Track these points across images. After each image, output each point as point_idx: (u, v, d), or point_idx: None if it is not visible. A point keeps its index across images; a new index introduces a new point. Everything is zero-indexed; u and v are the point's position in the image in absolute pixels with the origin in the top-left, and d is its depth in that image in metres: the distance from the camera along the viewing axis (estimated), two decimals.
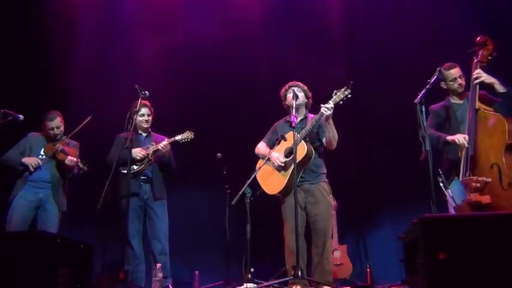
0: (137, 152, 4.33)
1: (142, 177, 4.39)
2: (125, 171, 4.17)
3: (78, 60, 6.00)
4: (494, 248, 1.87)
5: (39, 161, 4.28)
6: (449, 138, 3.53)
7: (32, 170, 4.25)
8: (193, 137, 4.45)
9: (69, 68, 5.93)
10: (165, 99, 5.05)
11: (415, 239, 2.08)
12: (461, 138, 3.45)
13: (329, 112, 3.76)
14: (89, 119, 4.43)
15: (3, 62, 5.38)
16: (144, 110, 4.49)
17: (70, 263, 2.55)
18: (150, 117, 4.56)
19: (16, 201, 4.25)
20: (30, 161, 4.27)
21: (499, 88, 3.49)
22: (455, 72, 3.73)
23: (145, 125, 4.55)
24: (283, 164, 3.94)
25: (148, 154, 4.36)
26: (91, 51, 6.09)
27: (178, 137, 4.44)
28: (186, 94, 5.93)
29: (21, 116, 4.11)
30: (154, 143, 4.42)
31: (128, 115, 4.17)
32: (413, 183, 4.67)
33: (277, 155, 3.99)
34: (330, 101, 3.78)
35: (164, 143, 4.36)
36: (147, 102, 4.50)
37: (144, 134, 4.61)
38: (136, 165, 4.34)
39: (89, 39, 6.11)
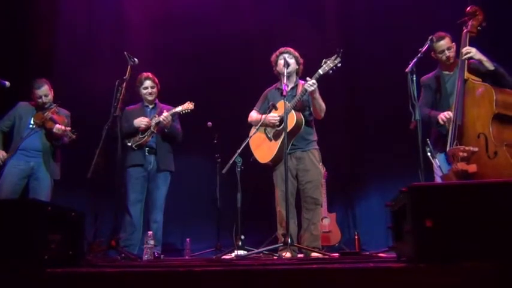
0: (140, 121, 4.39)
1: (147, 148, 4.43)
2: (129, 143, 4.33)
3: (65, 26, 5.88)
4: (480, 215, 1.91)
5: (5, 155, 4.26)
6: (439, 118, 3.55)
7: None
8: (193, 107, 4.47)
9: (57, 35, 5.82)
10: (154, 67, 4.98)
11: (403, 206, 2.12)
12: (444, 118, 3.48)
13: (312, 88, 3.76)
14: (54, 107, 4.41)
15: None
16: (147, 83, 4.54)
17: (61, 230, 2.55)
18: (155, 89, 4.58)
19: (7, 170, 4.25)
20: None
21: (488, 65, 3.50)
22: (443, 44, 3.72)
23: (149, 98, 4.58)
24: (278, 118, 3.93)
25: (150, 126, 4.39)
26: (78, 16, 5.95)
27: (178, 108, 4.47)
28: (175, 62, 5.86)
29: (7, 83, 4.05)
30: (157, 115, 4.45)
31: (116, 83, 4.12)
32: (401, 152, 4.73)
33: (273, 115, 3.98)
34: (316, 74, 3.78)
35: (164, 114, 4.38)
36: (150, 75, 4.55)
37: (150, 106, 4.63)
38: (138, 136, 4.39)
39: (75, 5, 5.97)
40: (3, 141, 4.39)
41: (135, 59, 4.12)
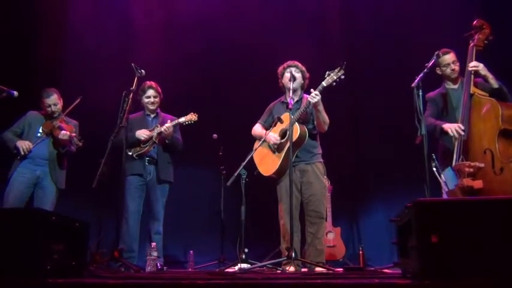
0: (141, 133, 4.40)
1: (147, 158, 4.44)
2: (130, 153, 4.34)
3: (73, 36, 5.93)
4: (486, 232, 1.89)
5: (31, 145, 4.29)
6: (445, 126, 3.53)
7: (22, 153, 4.26)
8: (196, 119, 4.48)
9: (65, 45, 5.88)
10: (160, 78, 5.02)
11: (408, 222, 2.10)
12: (453, 128, 3.46)
13: (316, 100, 3.73)
14: (78, 101, 4.45)
15: None
16: (150, 92, 4.55)
17: (65, 240, 2.55)
18: (157, 99, 4.59)
19: (14, 178, 4.27)
20: (22, 145, 4.28)
21: (493, 83, 3.50)
22: (449, 58, 3.74)
23: (151, 107, 4.59)
24: (279, 142, 3.94)
25: (152, 136, 4.39)
26: (86, 26, 6.01)
27: (181, 119, 4.47)
28: (182, 74, 5.89)
29: (15, 92, 4.08)
30: (159, 125, 4.45)
31: (123, 94, 4.14)
32: (406, 167, 4.70)
33: (274, 135, 3.99)
34: (320, 86, 3.76)
35: (167, 125, 4.38)
36: (153, 84, 4.55)
37: (152, 115, 4.64)
38: (140, 146, 4.40)
39: (83, 14, 6.04)
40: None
41: (142, 71, 4.16)
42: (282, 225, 3.94)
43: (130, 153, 4.37)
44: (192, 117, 4.47)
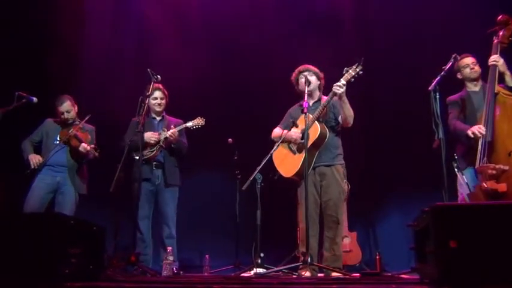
0: (149, 137, 4.35)
1: (154, 163, 4.42)
2: (137, 157, 4.21)
3: (90, 43, 6.00)
4: (506, 238, 1.85)
5: (41, 159, 4.35)
6: (468, 132, 3.43)
7: (32, 167, 4.32)
8: (204, 123, 4.47)
9: (82, 51, 5.95)
10: (177, 82, 5.05)
11: (426, 227, 2.07)
12: (475, 131, 3.38)
13: (341, 90, 3.69)
14: (87, 118, 4.50)
15: (16, 46, 5.39)
16: (157, 94, 4.51)
17: (82, 244, 2.58)
18: (163, 101, 4.57)
19: (35, 184, 4.34)
20: (33, 158, 4.35)
21: (509, 81, 3.42)
22: (468, 60, 3.70)
23: (157, 109, 4.56)
24: (301, 137, 3.90)
25: (159, 140, 4.38)
26: (102, 32, 6.09)
27: (189, 124, 4.47)
28: (197, 77, 5.91)
29: (34, 99, 4.17)
30: (166, 129, 4.44)
31: (140, 99, 4.18)
32: (423, 171, 4.64)
33: (296, 130, 3.94)
34: (342, 79, 3.72)
35: (172, 130, 4.37)
36: (160, 86, 4.50)
37: (158, 118, 4.62)
38: (147, 150, 4.37)
39: (99, 21, 6.11)
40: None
41: (158, 76, 4.19)
42: (302, 228, 3.90)
43: (137, 158, 4.23)
44: (199, 121, 4.46)
